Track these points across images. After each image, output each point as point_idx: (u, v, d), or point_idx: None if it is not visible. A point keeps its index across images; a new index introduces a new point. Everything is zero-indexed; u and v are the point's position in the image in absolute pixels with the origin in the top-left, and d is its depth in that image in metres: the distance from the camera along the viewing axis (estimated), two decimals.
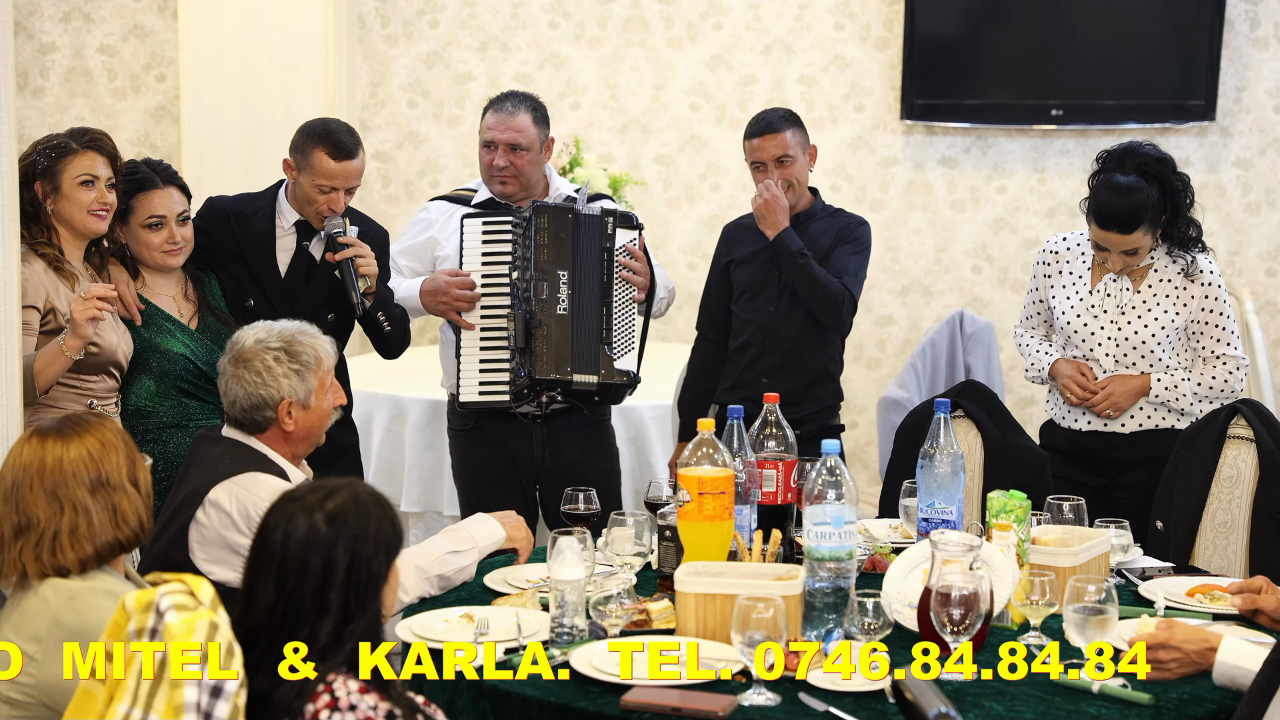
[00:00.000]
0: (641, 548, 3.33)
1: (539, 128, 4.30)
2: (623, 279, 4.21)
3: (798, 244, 4.35)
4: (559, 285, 4.14)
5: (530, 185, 4.33)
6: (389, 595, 2.41)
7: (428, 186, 7.14)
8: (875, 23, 6.83)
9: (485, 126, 4.30)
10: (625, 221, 4.23)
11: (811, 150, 4.46)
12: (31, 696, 2.68)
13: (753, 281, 4.48)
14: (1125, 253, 4.05)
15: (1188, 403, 4.10)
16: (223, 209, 4.16)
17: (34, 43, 7.15)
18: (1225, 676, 2.70)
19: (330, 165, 4.02)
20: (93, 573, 2.75)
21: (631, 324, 4.24)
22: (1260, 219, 6.65)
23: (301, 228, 4.15)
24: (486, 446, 4.34)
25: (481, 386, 4.21)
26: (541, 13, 7.05)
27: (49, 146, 3.73)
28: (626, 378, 4.19)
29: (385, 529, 2.39)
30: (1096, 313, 4.14)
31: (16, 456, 2.78)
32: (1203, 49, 6.46)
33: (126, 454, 2.81)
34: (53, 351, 3.53)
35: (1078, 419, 4.19)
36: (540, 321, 4.11)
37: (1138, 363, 4.11)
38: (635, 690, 2.64)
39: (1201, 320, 4.10)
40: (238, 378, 3.26)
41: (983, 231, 6.85)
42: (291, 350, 3.28)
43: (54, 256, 3.68)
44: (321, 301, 4.11)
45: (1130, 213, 3.97)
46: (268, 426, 3.27)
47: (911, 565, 3.08)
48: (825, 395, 4.48)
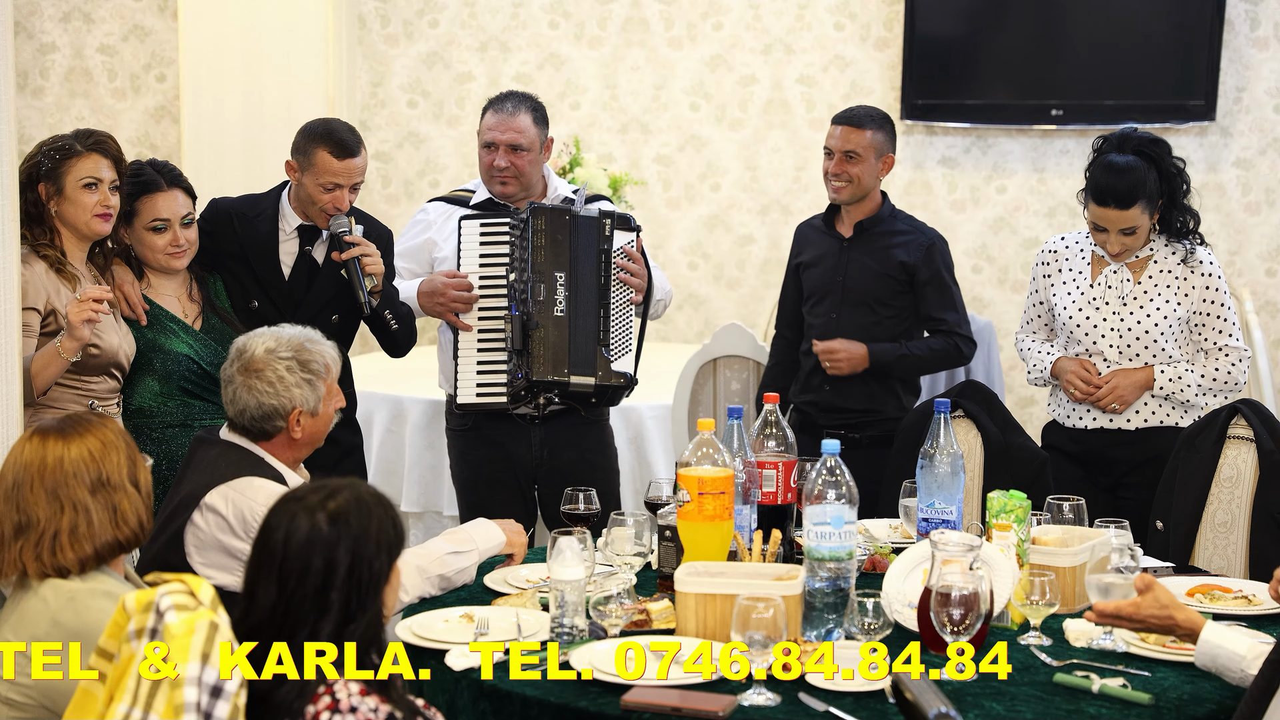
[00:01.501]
0: (641, 548, 3.33)
1: (539, 128, 4.30)
2: (620, 281, 4.20)
3: (890, 353, 4.37)
4: (556, 287, 4.14)
5: (530, 186, 4.33)
6: (390, 595, 2.42)
7: (428, 186, 7.14)
8: (875, 23, 6.83)
9: (485, 127, 4.29)
10: (623, 223, 4.23)
11: (888, 160, 4.41)
12: (31, 697, 2.68)
13: (818, 286, 4.48)
14: (1123, 233, 4.05)
15: (1192, 394, 4.09)
16: (226, 211, 4.16)
17: (34, 43, 7.15)
18: (1207, 656, 2.71)
19: (334, 164, 4.01)
20: (92, 574, 2.75)
21: (629, 326, 4.23)
22: (1260, 219, 6.65)
23: (304, 232, 4.14)
24: (485, 446, 4.34)
25: (479, 388, 4.20)
26: (541, 13, 7.05)
27: (53, 148, 3.73)
28: (624, 379, 4.19)
29: (387, 529, 2.39)
30: (1098, 304, 4.14)
31: (18, 455, 2.78)
32: (1203, 49, 6.46)
33: (127, 454, 2.81)
34: (50, 353, 3.53)
35: (1081, 417, 4.19)
36: (537, 323, 4.11)
37: (1141, 354, 4.11)
38: (635, 690, 2.64)
39: (1203, 312, 4.10)
40: (249, 387, 3.24)
41: (983, 231, 6.85)
42: (302, 359, 3.27)
43: (56, 258, 3.68)
44: (325, 304, 4.10)
45: (1127, 188, 3.99)
46: (275, 435, 3.27)
47: (911, 565, 3.08)
48: (887, 408, 4.44)
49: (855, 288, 4.43)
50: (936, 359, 4.43)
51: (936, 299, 4.41)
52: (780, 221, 6.99)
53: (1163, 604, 2.76)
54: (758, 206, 7.02)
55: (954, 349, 4.41)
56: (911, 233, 4.46)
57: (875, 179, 4.41)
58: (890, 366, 4.38)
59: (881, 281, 4.41)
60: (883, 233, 4.44)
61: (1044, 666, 2.83)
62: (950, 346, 4.41)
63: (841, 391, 4.40)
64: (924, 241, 4.43)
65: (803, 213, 7.02)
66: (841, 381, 4.40)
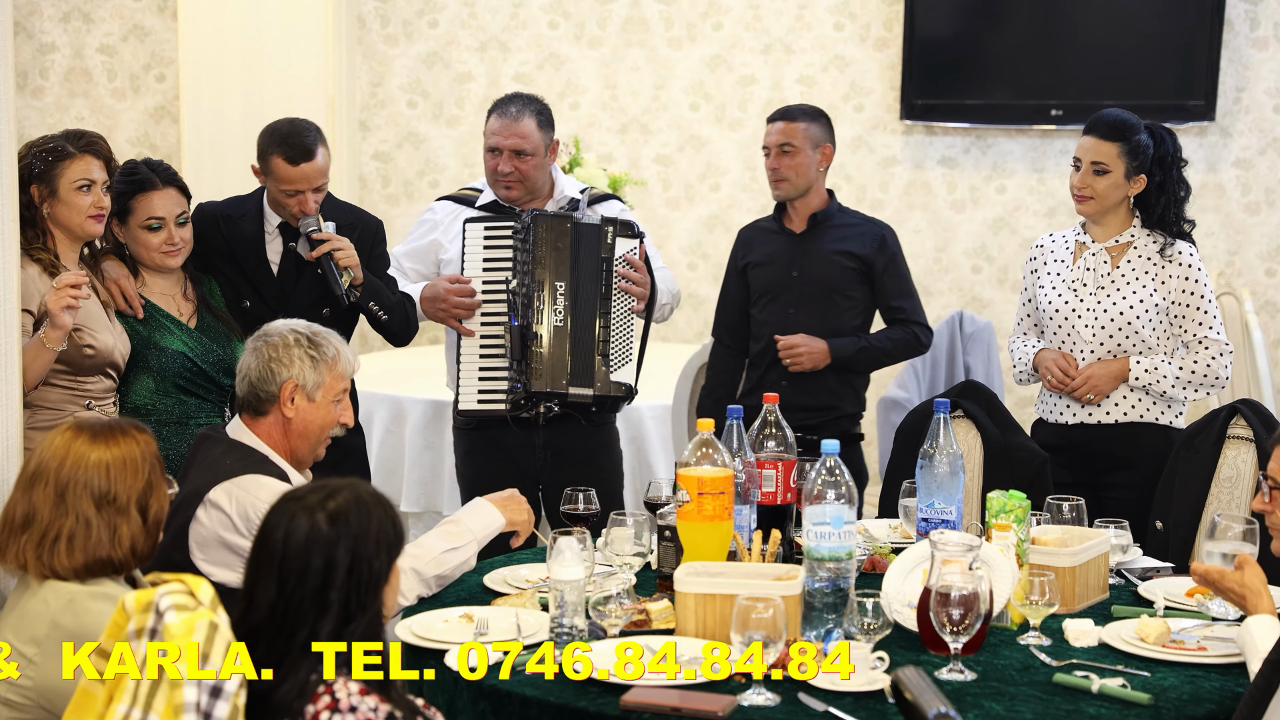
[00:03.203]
0: (641, 548, 3.32)
1: (543, 131, 4.29)
2: (621, 290, 4.19)
3: (849, 347, 4.42)
4: (556, 296, 4.14)
5: (536, 188, 4.32)
6: (390, 595, 2.42)
7: (427, 186, 7.14)
8: (875, 23, 6.83)
9: (489, 131, 4.28)
10: (625, 230, 4.20)
11: (826, 150, 4.47)
12: (30, 699, 2.68)
13: (771, 283, 4.49)
14: (1095, 170, 4.10)
15: (1169, 385, 4.09)
16: (211, 213, 4.17)
17: (34, 43, 7.15)
18: (1241, 640, 2.79)
19: (289, 170, 4.01)
20: (93, 578, 2.75)
21: (630, 335, 4.21)
22: (1260, 219, 6.65)
23: (285, 229, 4.17)
24: (490, 445, 4.33)
25: (480, 395, 4.20)
26: (541, 13, 7.05)
27: (45, 150, 3.71)
28: (623, 390, 4.18)
29: (386, 529, 2.39)
30: (1076, 287, 4.16)
31: (48, 443, 2.78)
32: (1203, 49, 6.46)
33: (147, 479, 2.77)
34: (35, 346, 3.51)
35: (1063, 412, 4.19)
36: (536, 334, 4.12)
37: (1121, 343, 4.11)
38: (635, 690, 2.64)
39: (1181, 303, 4.11)
40: (255, 350, 3.30)
41: (982, 231, 6.85)
42: (314, 340, 3.32)
43: (49, 261, 3.67)
44: (315, 298, 4.13)
45: (1113, 123, 4.09)
46: (269, 409, 3.27)
47: (911, 565, 3.08)
48: (847, 403, 4.49)
49: (812, 280, 4.46)
50: (897, 349, 4.49)
51: (893, 287, 4.48)
52: None
53: (1243, 584, 2.85)
54: (757, 207, 7.02)
55: (912, 338, 4.48)
56: (862, 224, 4.54)
57: (815, 170, 4.45)
58: (851, 360, 4.43)
59: (839, 272, 4.45)
60: (835, 225, 4.50)
61: (1044, 666, 2.83)
62: (909, 335, 4.48)
63: (800, 388, 4.40)
64: (876, 231, 4.51)
65: None
66: (799, 378, 4.41)
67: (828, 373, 4.43)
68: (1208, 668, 2.84)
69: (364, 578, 2.35)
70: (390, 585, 2.41)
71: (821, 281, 4.45)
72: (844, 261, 4.44)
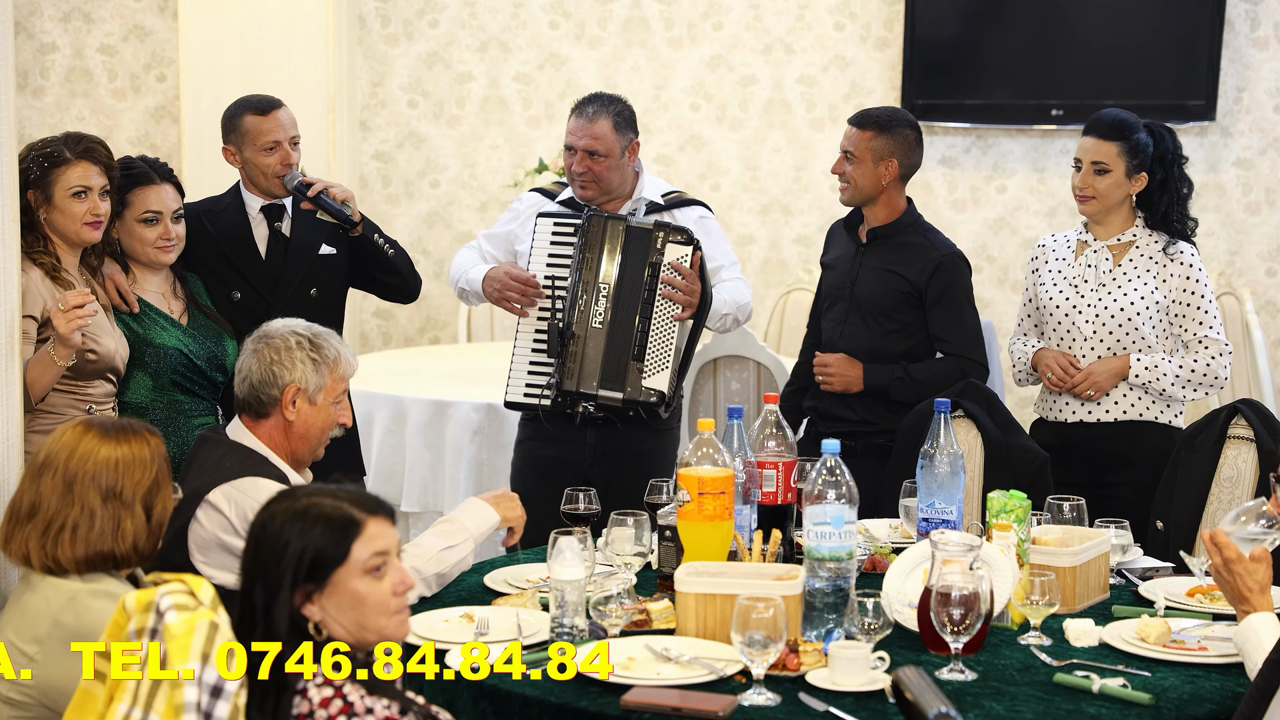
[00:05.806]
0: (641, 548, 3.32)
1: (619, 133, 4.29)
2: (664, 296, 4.15)
3: (885, 375, 4.23)
4: (599, 297, 4.15)
5: (611, 189, 4.32)
6: (367, 585, 2.38)
7: (428, 186, 7.14)
8: (875, 23, 6.83)
9: (567, 130, 4.31)
10: (677, 236, 4.15)
11: (889, 165, 4.21)
12: (31, 697, 2.69)
13: (833, 289, 4.39)
14: (1096, 170, 4.10)
15: (1168, 383, 4.09)
16: (193, 213, 4.19)
17: (34, 43, 7.15)
18: (1240, 638, 2.76)
19: (261, 122, 4.18)
20: (93, 574, 2.76)
21: (668, 341, 4.15)
22: (1260, 219, 6.65)
23: (268, 212, 4.22)
24: (543, 438, 4.33)
25: (527, 388, 4.23)
26: (541, 13, 7.05)
27: (42, 154, 3.67)
28: (656, 395, 4.15)
29: (310, 546, 2.34)
30: (1077, 283, 4.16)
31: (58, 437, 2.81)
32: (1203, 49, 6.46)
33: (154, 478, 2.82)
34: (45, 361, 3.49)
35: (1062, 410, 4.19)
36: (574, 333, 4.13)
37: (1121, 340, 4.11)
38: (635, 690, 2.64)
39: (1181, 302, 4.11)
40: (255, 353, 3.28)
41: (983, 231, 6.85)
42: (315, 342, 3.31)
43: (51, 265, 3.65)
44: (303, 278, 4.18)
45: (1113, 122, 4.10)
46: (270, 411, 3.26)
47: (911, 565, 3.08)
48: (878, 419, 4.30)
49: (863, 297, 4.30)
50: (938, 382, 4.20)
51: (943, 319, 4.26)
52: (780, 222, 6.99)
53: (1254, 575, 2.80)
54: (758, 206, 7.02)
55: (957, 372, 4.23)
56: (923, 247, 4.27)
57: (874, 183, 4.23)
58: (886, 389, 4.25)
59: (887, 295, 4.27)
60: (896, 244, 4.29)
61: (1044, 666, 2.83)
62: (954, 369, 4.24)
63: (837, 400, 4.34)
64: (934, 258, 4.24)
65: (803, 213, 7.03)
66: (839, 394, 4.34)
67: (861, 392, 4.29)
68: (1208, 668, 2.84)
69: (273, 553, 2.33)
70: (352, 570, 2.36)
71: (871, 301, 4.28)
72: (895, 283, 4.25)
